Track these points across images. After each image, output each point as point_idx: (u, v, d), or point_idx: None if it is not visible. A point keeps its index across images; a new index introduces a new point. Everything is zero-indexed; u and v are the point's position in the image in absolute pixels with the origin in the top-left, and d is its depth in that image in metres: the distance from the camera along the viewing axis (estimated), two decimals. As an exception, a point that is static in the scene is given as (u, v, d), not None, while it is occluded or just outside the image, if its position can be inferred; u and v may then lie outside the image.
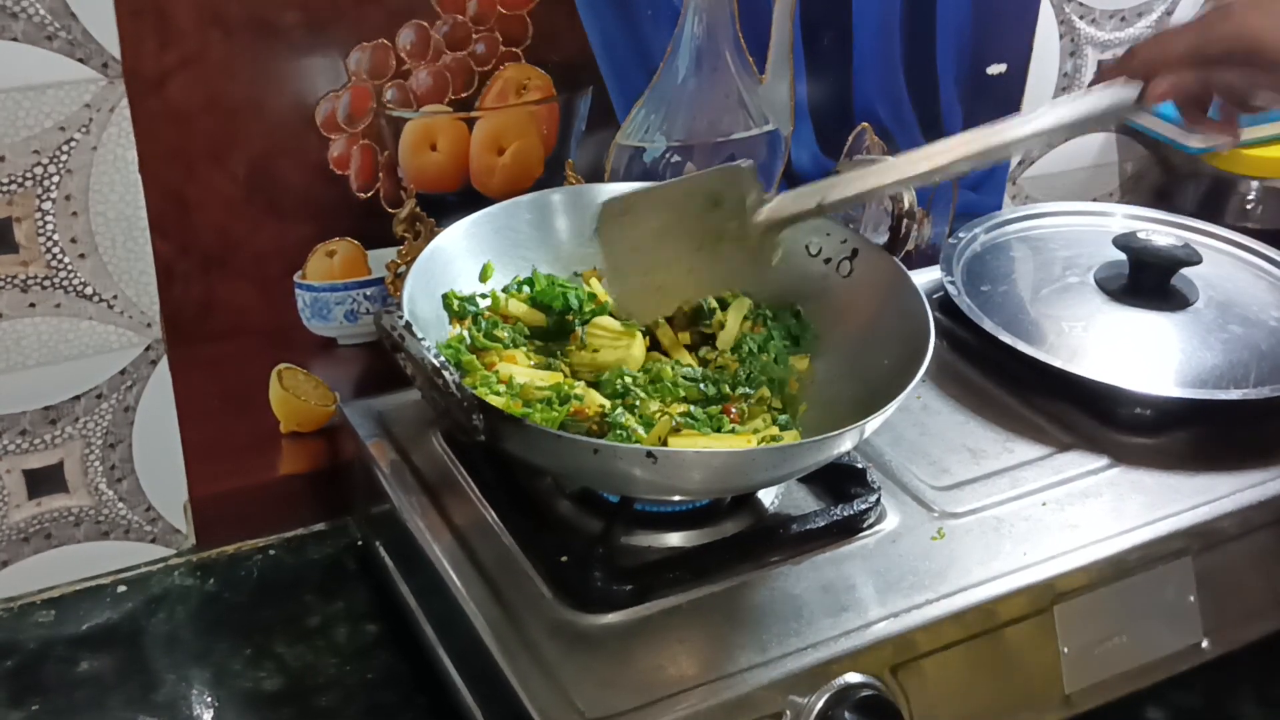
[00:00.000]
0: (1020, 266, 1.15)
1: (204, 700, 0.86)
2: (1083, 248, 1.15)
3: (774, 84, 1.07)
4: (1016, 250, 1.17)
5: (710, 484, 0.80)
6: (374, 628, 0.92)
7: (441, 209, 0.98)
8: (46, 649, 0.89)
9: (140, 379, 0.92)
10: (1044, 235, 1.19)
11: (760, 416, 0.86)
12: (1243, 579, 0.90)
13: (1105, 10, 1.24)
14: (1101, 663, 0.83)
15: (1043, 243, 1.17)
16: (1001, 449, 0.94)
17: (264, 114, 0.89)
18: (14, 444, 0.90)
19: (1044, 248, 1.16)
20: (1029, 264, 1.15)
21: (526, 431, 0.75)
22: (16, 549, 0.93)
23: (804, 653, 0.74)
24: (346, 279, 0.97)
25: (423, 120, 0.95)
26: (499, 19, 0.94)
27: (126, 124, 0.84)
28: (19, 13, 0.79)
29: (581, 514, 0.85)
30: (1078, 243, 1.16)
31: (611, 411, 0.81)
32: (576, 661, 0.73)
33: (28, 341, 0.87)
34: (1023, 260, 1.15)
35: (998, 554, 0.83)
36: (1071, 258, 1.13)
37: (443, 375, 0.73)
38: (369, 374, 1.00)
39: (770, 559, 0.82)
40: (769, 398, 0.88)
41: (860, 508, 0.85)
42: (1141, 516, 0.87)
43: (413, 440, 0.92)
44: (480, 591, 0.78)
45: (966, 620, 0.79)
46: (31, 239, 0.85)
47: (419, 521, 0.85)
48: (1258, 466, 0.93)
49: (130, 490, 0.95)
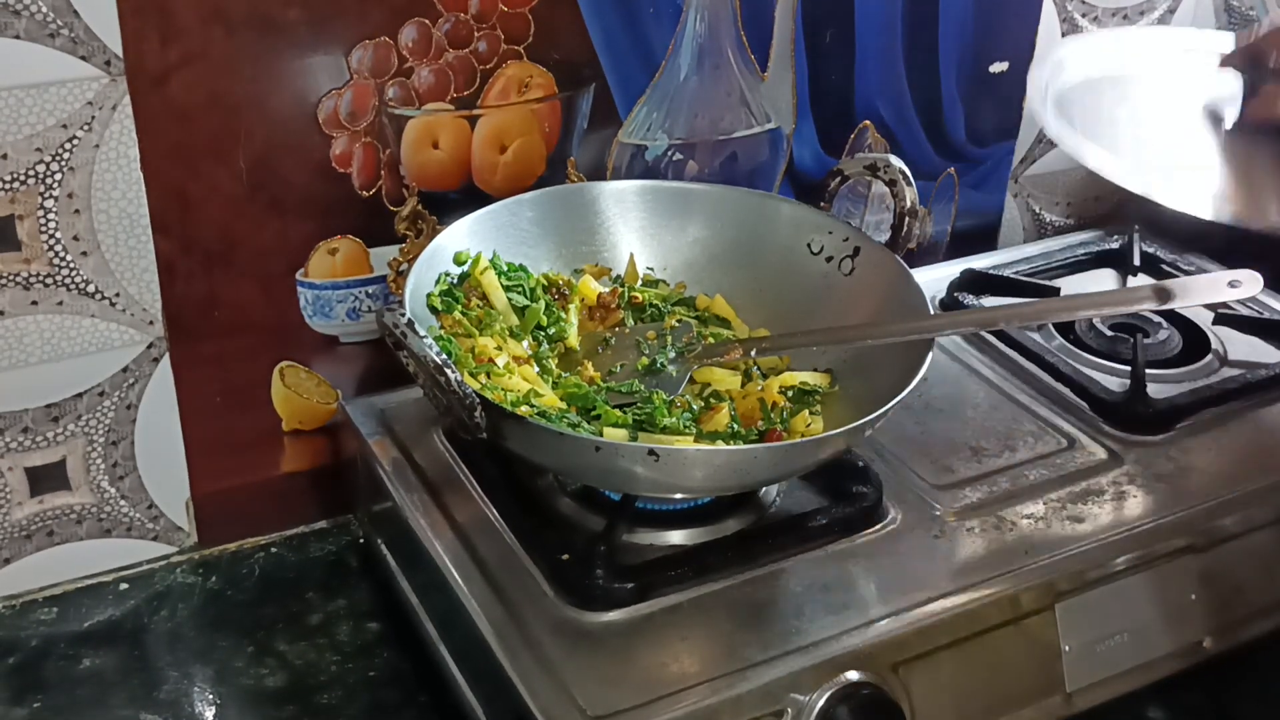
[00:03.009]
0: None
1: (206, 698, 0.86)
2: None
3: (776, 82, 1.07)
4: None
5: (712, 482, 0.80)
6: (376, 625, 0.92)
7: (443, 207, 0.98)
8: (48, 646, 0.89)
9: (142, 376, 0.92)
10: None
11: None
12: (1244, 578, 0.90)
13: (1107, 8, 1.24)
14: (1103, 661, 0.83)
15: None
16: (1003, 447, 0.94)
17: (266, 111, 0.89)
18: (16, 441, 0.90)
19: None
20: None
21: (528, 429, 0.75)
22: (19, 546, 0.93)
23: (805, 651, 0.74)
24: (348, 277, 0.97)
25: (425, 118, 0.95)
26: (501, 17, 0.94)
27: (129, 121, 0.84)
28: (21, 10, 0.79)
29: (583, 512, 0.85)
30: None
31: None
32: (578, 659, 0.73)
33: (30, 339, 0.87)
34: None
35: (999, 552, 0.83)
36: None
37: (444, 373, 0.73)
38: (371, 372, 1.00)
39: (772, 557, 0.82)
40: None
41: (862, 506, 0.85)
42: (1143, 515, 0.87)
43: (415, 438, 0.92)
44: (482, 589, 0.78)
45: (968, 618, 0.79)
46: (34, 236, 0.85)
47: (421, 519, 0.85)
48: (1259, 465, 0.93)
49: (132, 488, 0.95)
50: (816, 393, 0.89)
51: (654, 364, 0.89)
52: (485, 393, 0.78)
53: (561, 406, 0.83)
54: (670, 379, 0.88)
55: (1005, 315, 0.88)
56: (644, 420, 0.82)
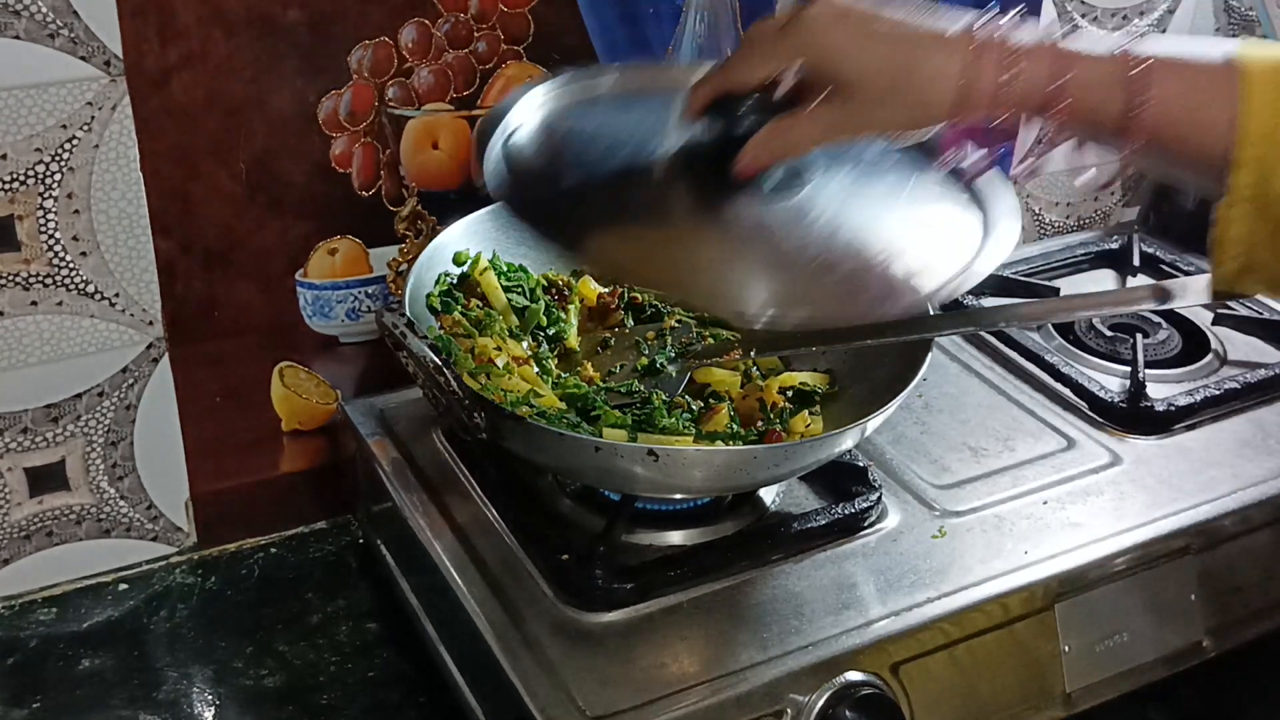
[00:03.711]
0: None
1: (205, 698, 0.86)
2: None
3: (775, 82, 1.07)
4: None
5: (711, 482, 0.80)
6: (375, 626, 0.92)
7: (443, 207, 0.98)
8: (48, 647, 0.89)
9: (142, 377, 0.92)
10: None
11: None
12: (1243, 578, 0.90)
13: (1107, 8, 1.24)
14: (1102, 661, 0.83)
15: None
16: (1003, 447, 0.94)
17: (266, 112, 0.89)
18: (16, 442, 0.90)
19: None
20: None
21: (528, 429, 0.75)
22: (18, 547, 0.93)
23: (805, 651, 0.74)
24: (348, 277, 0.97)
25: (424, 118, 0.95)
26: (501, 17, 0.94)
27: (128, 122, 0.84)
28: (21, 11, 0.79)
29: (583, 512, 0.85)
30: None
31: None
32: (578, 660, 0.73)
33: (30, 339, 0.87)
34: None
35: (999, 552, 0.83)
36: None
37: (444, 373, 0.73)
38: (370, 372, 1.00)
39: (771, 557, 0.82)
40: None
41: (861, 506, 0.85)
42: (1142, 515, 0.87)
43: (414, 438, 0.92)
44: (481, 590, 0.78)
45: (967, 619, 0.79)
46: (34, 237, 0.85)
47: (420, 520, 0.85)
48: (1258, 465, 0.93)
49: (132, 488, 0.95)
50: (816, 393, 0.89)
51: (653, 364, 0.89)
52: (485, 393, 0.78)
53: (561, 407, 0.83)
54: (670, 379, 0.88)
55: (1005, 315, 0.88)
56: (643, 421, 0.82)
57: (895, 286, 0.70)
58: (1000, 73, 0.64)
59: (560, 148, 0.78)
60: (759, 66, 0.69)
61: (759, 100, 0.69)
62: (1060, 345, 1.07)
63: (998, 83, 0.64)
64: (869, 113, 0.67)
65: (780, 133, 0.69)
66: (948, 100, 0.65)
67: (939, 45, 0.65)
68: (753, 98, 0.69)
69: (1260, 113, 0.61)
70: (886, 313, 0.72)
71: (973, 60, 0.64)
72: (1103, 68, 0.64)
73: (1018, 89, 0.64)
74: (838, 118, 0.67)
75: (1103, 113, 0.64)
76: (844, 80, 0.66)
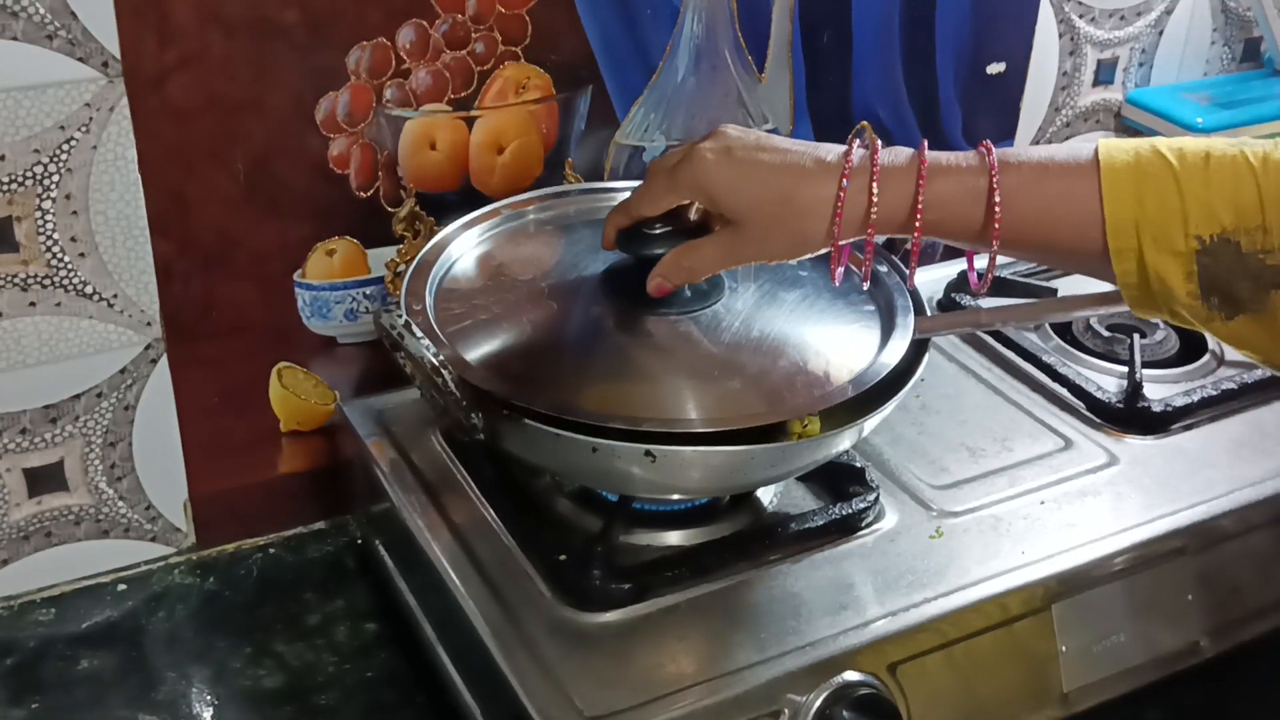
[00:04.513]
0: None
1: (204, 698, 0.86)
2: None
3: (773, 83, 1.07)
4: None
5: (709, 482, 0.80)
6: (373, 626, 0.92)
7: (441, 208, 0.98)
8: (46, 647, 0.89)
9: (140, 378, 0.92)
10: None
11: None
12: (1241, 578, 0.90)
13: (1105, 10, 1.24)
14: (1100, 662, 0.83)
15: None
16: (1000, 448, 0.95)
17: (264, 113, 0.89)
18: (14, 442, 0.90)
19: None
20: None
21: (525, 430, 0.75)
22: (16, 547, 0.93)
23: (802, 651, 0.75)
24: (346, 278, 0.97)
25: (422, 119, 0.95)
26: (498, 18, 0.94)
27: (126, 123, 0.84)
28: (19, 12, 0.79)
29: (581, 512, 0.85)
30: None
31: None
32: (575, 660, 0.73)
33: (28, 340, 0.87)
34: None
35: (996, 553, 0.83)
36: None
37: (442, 374, 0.73)
38: (368, 373, 1.00)
39: (769, 558, 0.82)
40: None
41: (859, 506, 0.85)
42: (1140, 515, 0.87)
43: (412, 439, 0.92)
44: (479, 590, 0.78)
45: (964, 619, 0.79)
46: (31, 238, 0.85)
47: (418, 520, 0.85)
48: (1256, 466, 0.93)
49: (130, 489, 0.95)
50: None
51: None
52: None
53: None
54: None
55: (1002, 316, 0.88)
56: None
57: (795, 385, 0.77)
58: (870, 196, 0.68)
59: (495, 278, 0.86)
60: (660, 200, 0.75)
61: (669, 227, 0.76)
62: (1057, 345, 1.07)
63: (869, 205, 0.68)
64: (759, 242, 0.72)
65: (685, 256, 0.75)
66: (823, 229, 0.69)
67: (817, 174, 0.69)
68: (659, 226, 0.76)
69: (1125, 202, 0.64)
70: (780, 413, 0.77)
71: (847, 187, 0.68)
72: (964, 179, 0.68)
73: (883, 210, 0.68)
74: (733, 245, 0.73)
75: (967, 221, 0.68)
76: (732, 214, 0.71)
